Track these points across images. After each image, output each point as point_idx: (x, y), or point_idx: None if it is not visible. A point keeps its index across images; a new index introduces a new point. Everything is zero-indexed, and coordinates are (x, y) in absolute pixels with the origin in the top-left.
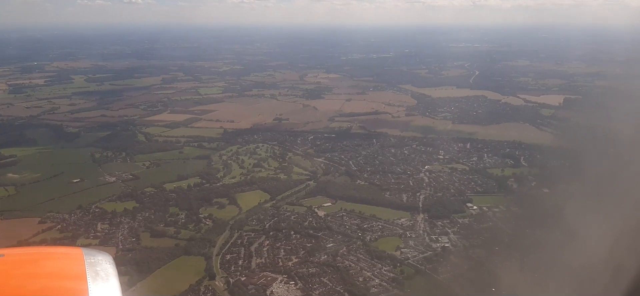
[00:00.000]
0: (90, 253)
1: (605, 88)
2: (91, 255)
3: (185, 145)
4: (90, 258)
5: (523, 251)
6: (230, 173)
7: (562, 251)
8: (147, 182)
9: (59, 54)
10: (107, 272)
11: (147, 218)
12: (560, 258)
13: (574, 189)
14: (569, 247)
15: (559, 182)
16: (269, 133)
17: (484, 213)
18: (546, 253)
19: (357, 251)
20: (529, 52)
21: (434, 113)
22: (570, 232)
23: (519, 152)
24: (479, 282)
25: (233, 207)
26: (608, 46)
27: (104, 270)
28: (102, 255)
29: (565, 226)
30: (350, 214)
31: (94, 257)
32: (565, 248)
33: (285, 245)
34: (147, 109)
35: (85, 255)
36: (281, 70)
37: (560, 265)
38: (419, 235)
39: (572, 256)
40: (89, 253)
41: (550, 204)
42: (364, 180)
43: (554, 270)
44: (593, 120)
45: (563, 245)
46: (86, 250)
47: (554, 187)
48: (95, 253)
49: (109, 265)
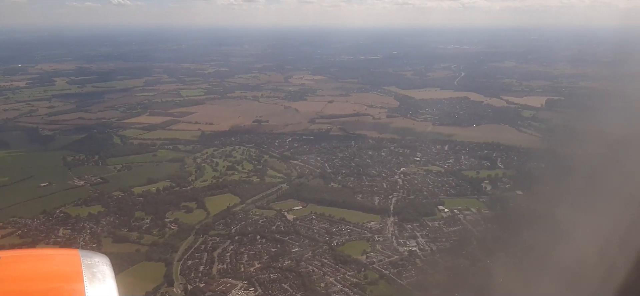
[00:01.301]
0: (87, 254)
1: (588, 89)
2: (88, 257)
3: (160, 148)
4: (87, 260)
5: (489, 254)
6: (203, 176)
7: (529, 254)
8: (116, 185)
9: (44, 56)
10: (104, 273)
11: (111, 223)
12: (526, 261)
13: (548, 191)
14: (536, 249)
15: (534, 183)
16: (247, 135)
17: (454, 216)
18: (513, 256)
19: (323, 256)
20: (516, 53)
21: (416, 115)
22: (540, 234)
23: (496, 153)
24: (441, 287)
25: (201, 211)
26: (594, 47)
27: (100, 271)
28: (99, 256)
29: (534, 228)
30: (319, 218)
31: (90, 259)
32: (532, 251)
33: (249, 250)
34: (126, 111)
35: (82, 256)
36: (267, 72)
37: (526, 267)
38: (387, 238)
39: (539, 259)
40: (85, 255)
41: (522, 206)
42: (337, 182)
43: (519, 273)
44: (573, 121)
45: (530, 247)
46: (83, 252)
47: (528, 189)
48: (92, 254)
49: (106, 267)
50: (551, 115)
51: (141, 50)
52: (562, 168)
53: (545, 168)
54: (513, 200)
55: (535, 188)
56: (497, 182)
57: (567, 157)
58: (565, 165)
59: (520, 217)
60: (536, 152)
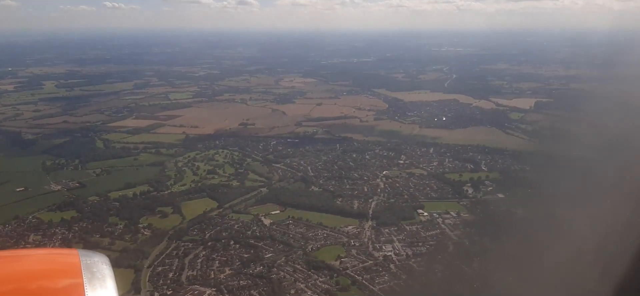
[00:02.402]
0: (86, 254)
1: (578, 91)
2: (87, 256)
3: (142, 152)
4: (87, 259)
5: (465, 259)
6: (182, 180)
7: (505, 259)
8: (93, 190)
9: (36, 59)
10: (104, 273)
11: (83, 229)
12: (501, 266)
13: (529, 194)
14: (513, 254)
15: (516, 186)
16: (232, 138)
17: (433, 219)
18: (488, 261)
19: (296, 262)
20: (509, 55)
21: (403, 117)
22: (517, 239)
23: (481, 156)
24: (413, 293)
25: (176, 216)
26: (588, 49)
27: (100, 270)
28: (99, 256)
29: (513, 232)
30: (297, 222)
31: (90, 258)
32: (508, 256)
33: (221, 256)
34: (111, 115)
35: (82, 256)
36: (258, 75)
37: (500, 272)
38: (363, 243)
39: (515, 264)
40: (85, 254)
41: (502, 210)
42: (318, 186)
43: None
44: (559, 123)
45: (507, 252)
46: (82, 252)
47: (510, 192)
48: (92, 254)
49: (105, 266)
50: (538, 117)
51: (134, 53)
52: (545, 171)
53: (528, 171)
54: (494, 203)
55: (516, 191)
56: (479, 185)
57: (551, 159)
58: (549, 168)
59: (499, 221)
60: (521, 154)
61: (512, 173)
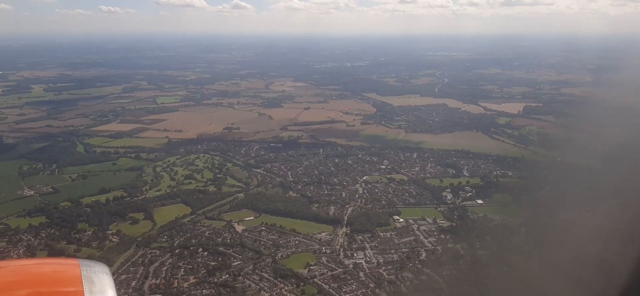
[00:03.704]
0: (86, 264)
1: (569, 96)
2: (88, 266)
3: (122, 156)
4: (87, 269)
5: (436, 266)
6: (158, 185)
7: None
8: (66, 195)
9: (29, 63)
10: (103, 282)
11: (50, 235)
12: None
13: (508, 200)
14: (485, 261)
15: (496, 192)
16: (215, 143)
17: (409, 226)
18: (459, 269)
19: (263, 270)
20: (503, 60)
21: (390, 121)
22: (492, 245)
23: (464, 161)
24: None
25: (147, 222)
26: (582, 54)
27: (100, 280)
28: (99, 265)
29: (488, 239)
30: (270, 229)
31: (90, 268)
32: (480, 263)
33: (187, 264)
34: (96, 119)
35: (82, 265)
36: (249, 79)
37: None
38: (334, 250)
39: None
40: (85, 264)
41: (480, 216)
42: (296, 191)
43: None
44: (546, 128)
45: (479, 259)
46: (83, 261)
47: (489, 198)
48: (92, 263)
49: (106, 276)
50: (526, 122)
51: (128, 57)
52: (527, 177)
53: (510, 176)
54: (472, 209)
55: (496, 197)
56: (459, 191)
57: (534, 164)
58: (531, 173)
59: (475, 227)
60: (504, 159)
61: (494, 179)
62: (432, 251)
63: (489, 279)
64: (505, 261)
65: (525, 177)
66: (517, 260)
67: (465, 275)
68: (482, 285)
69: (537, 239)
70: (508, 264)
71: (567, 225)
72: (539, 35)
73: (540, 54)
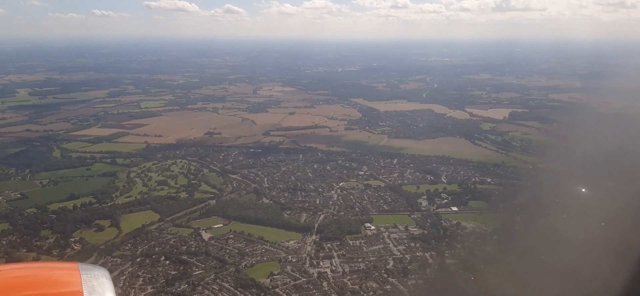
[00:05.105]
0: (86, 267)
1: (556, 101)
2: (87, 270)
3: (98, 162)
4: (87, 273)
5: (402, 276)
6: (129, 191)
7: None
8: (34, 201)
9: (18, 66)
10: (103, 286)
11: (11, 243)
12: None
13: (484, 207)
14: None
15: (473, 199)
16: (194, 148)
17: (380, 233)
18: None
19: (225, 280)
20: (494, 66)
21: (374, 127)
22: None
23: (444, 167)
24: None
25: (113, 229)
26: (574, 60)
27: (100, 284)
28: (99, 269)
29: (459, 248)
30: (237, 236)
31: (90, 272)
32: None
33: (147, 273)
34: (77, 123)
35: (82, 269)
36: (237, 83)
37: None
38: (300, 259)
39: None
40: (85, 268)
41: (453, 223)
42: (270, 198)
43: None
44: (529, 134)
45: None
46: (82, 265)
47: (465, 205)
48: (92, 267)
49: (106, 279)
50: (510, 128)
51: (119, 61)
52: (505, 184)
53: (488, 182)
54: (445, 216)
55: (471, 204)
56: (435, 198)
57: (513, 171)
58: (509, 179)
59: (446, 235)
60: (484, 166)
61: (471, 185)
62: (399, 260)
63: (454, 289)
64: (473, 270)
65: (503, 183)
66: (485, 269)
67: (431, 285)
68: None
69: (508, 247)
70: (475, 273)
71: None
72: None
73: (532, 59)
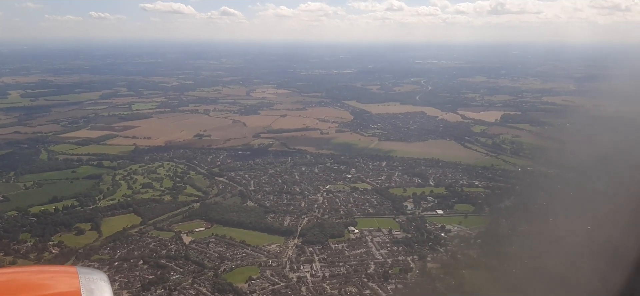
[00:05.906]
0: (85, 271)
1: (549, 104)
2: (86, 273)
3: (85, 164)
4: (85, 277)
5: (382, 280)
6: (113, 194)
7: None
8: (15, 204)
9: (13, 68)
10: (102, 290)
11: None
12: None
13: (470, 210)
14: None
15: (459, 202)
16: (182, 150)
17: (363, 237)
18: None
19: (202, 284)
20: (490, 68)
21: (365, 129)
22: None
23: (432, 170)
24: None
25: (93, 233)
26: (570, 63)
27: (98, 287)
28: (97, 273)
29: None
30: (219, 240)
31: (88, 276)
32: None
33: (124, 277)
34: (66, 126)
35: (80, 273)
36: (231, 85)
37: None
38: (281, 263)
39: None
40: (83, 272)
41: (437, 227)
42: (255, 201)
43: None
44: (519, 137)
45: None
46: (81, 269)
47: (450, 208)
48: (90, 271)
49: (104, 283)
50: (501, 130)
51: (115, 63)
52: (492, 186)
53: (476, 185)
54: (430, 219)
55: (457, 207)
56: (421, 201)
57: (502, 174)
58: (497, 182)
59: (430, 239)
60: (473, 168)
61: (459, 188)
62: (381, 264)
63: (434, 294)
64: (454, 274)
65: (490, 186)
66: (467, 274)
67: (411, 290)
68: None
69: (491, 251)
70: (456, 277)
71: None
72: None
73: (527, 62)
